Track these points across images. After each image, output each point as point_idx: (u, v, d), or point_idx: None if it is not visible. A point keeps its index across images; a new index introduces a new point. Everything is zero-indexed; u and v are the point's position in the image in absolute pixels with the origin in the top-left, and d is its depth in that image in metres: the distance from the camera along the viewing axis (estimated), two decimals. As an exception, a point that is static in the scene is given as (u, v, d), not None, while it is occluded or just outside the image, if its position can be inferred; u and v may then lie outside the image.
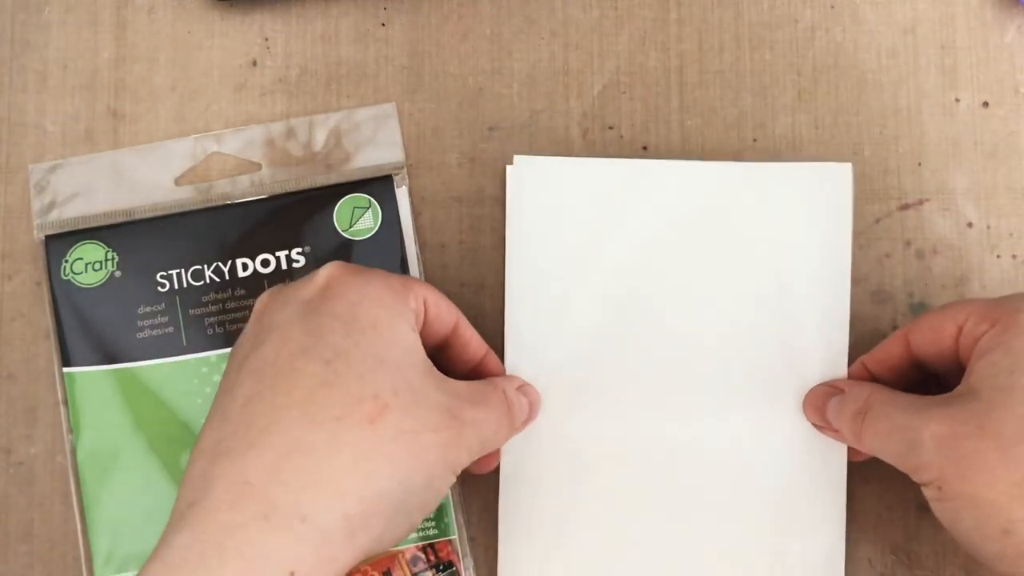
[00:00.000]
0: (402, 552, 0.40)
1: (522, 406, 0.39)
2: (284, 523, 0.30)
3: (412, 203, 0.43)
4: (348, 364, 0.32)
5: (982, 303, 0.36)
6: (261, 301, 0.35)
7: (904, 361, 0.38)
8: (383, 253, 0.42)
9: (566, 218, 0.41)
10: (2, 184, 0.43)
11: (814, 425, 0.40)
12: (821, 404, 0.39)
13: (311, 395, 0.32)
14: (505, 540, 0.40)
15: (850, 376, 0.40)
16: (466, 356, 0.39)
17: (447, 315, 0.37)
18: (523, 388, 0.40)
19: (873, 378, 0.39)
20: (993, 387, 0.33)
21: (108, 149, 0.43)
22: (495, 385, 0.39)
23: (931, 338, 0.37)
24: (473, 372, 0.40)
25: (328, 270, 0.35)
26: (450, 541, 0.40)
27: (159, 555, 0.30)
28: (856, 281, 0.42)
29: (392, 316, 0.34)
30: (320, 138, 0.43)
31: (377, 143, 0.43)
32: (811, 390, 0.40)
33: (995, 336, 0.34)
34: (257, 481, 0.31)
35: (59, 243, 0.42)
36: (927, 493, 0.34)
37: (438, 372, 0.35)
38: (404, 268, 0.42)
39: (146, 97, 0.44)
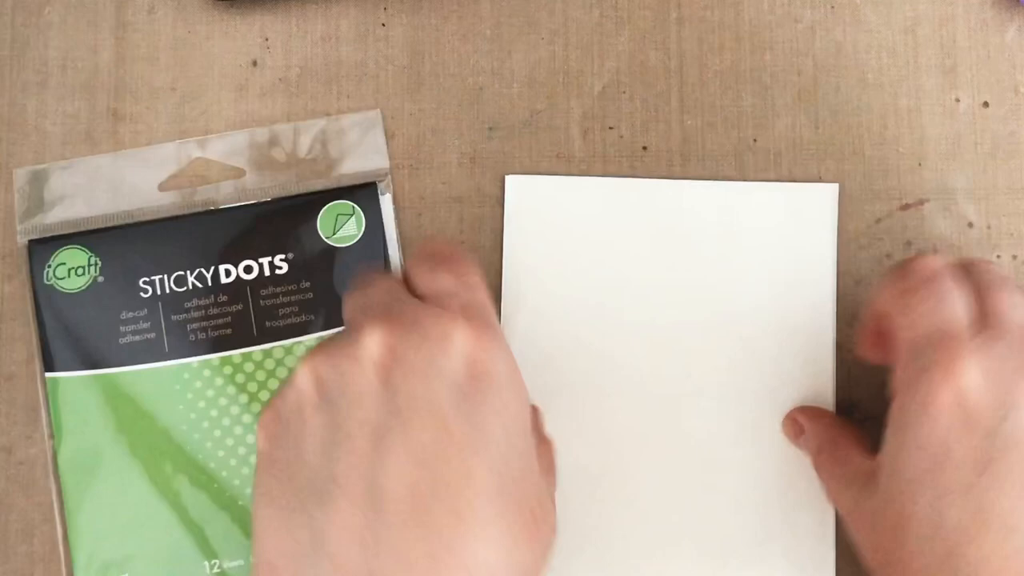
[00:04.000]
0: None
1: None
2: None
3: (407, 205, 0.43)
4: (510, 472, 0.31)
5: (910, 342, 0.33)
6: (380, 355, 0.31)
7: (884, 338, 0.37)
8: (366, 261, 0.42)
9: (561, 236, 0.41)
10: (1, 185, 0.43)
11: None
12: (791, 435, 0.40)
13: (489, 507, 0.30)
14: None
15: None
16: None
17: None
18: None
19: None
20: (889, 472, 0.33)
21: (108, 150, 0.43)
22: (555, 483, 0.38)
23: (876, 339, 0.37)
24: None
25: (464, 343, 0.31)
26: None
27: None
28: (856, 281, 0.42)
29: (526, 414, 0.33)
30: (305, 144, 0.43)
31: (362, 150, 0.43)
32: (786, 416, 0.40)
33: (899, 405, 0.33)
34: None
35: (42, 248, 0.42)
36: None
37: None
38: None
39: (146, 97, 0.44)
